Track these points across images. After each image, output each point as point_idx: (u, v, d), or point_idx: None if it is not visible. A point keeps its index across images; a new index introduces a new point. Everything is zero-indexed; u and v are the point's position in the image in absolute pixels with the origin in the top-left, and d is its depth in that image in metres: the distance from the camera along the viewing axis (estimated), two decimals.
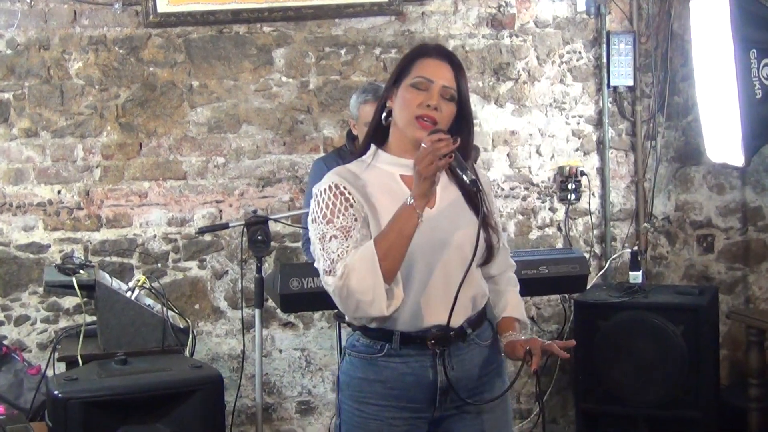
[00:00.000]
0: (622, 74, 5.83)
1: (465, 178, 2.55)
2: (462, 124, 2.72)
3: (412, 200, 2.49)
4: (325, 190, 2.65)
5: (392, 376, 2.68)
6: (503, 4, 5.74)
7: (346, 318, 2.75)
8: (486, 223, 2.68)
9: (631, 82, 5.85)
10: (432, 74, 2.66)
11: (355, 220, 2.60)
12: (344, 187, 2.64)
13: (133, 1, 5.30)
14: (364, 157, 2.79)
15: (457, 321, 2.67)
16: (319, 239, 2.61)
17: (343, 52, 5.57)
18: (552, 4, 5.81)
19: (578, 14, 5.84)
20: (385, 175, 2.71)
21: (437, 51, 2.75)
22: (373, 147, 2.78)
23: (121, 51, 5.34)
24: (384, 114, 2.75)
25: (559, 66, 5.83)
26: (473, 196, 2.62)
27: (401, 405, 2.70)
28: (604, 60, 5.80)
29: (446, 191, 2.73)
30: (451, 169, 2.61)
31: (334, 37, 5.56)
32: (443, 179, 2.70)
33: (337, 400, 2.83)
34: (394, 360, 2.68)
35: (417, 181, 2.48)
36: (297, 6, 5.42)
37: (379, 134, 2.79)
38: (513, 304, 2.89)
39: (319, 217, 2.63)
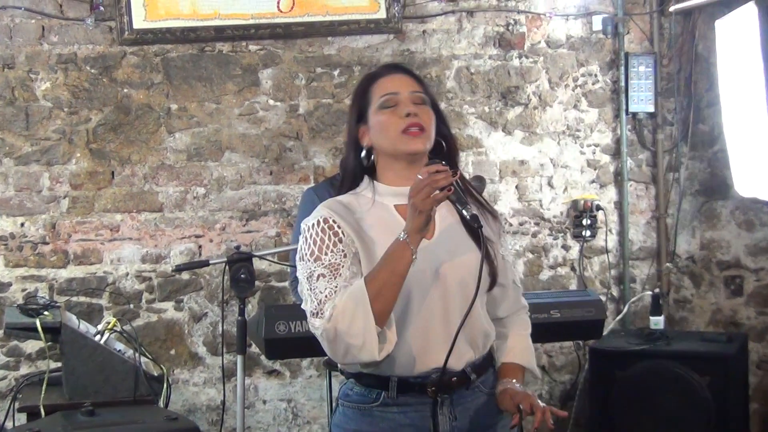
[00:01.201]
0: (641, 99, 5.87)
1: (465, 213, 2.57)
2: (441, 130, 2.77)
3: (406, 235, 2.49)
4: (313, 225, 2.66)
5: (389, 427, 2.67)
6: (512, 22, 5.78)
7: (339, 365, 2.75)
8: (489, 255, 2.68)
9: (651, 108, 5.89)
10: (393, 87, 2.71)
11: (344, 256, 2.60)
12: (333, 221, 2.65)
13: (107, 17, 5.33)
14: (357, 189, 2.80)
15: (458, 364, 2.65)
16: (307, 278, 2.61)
17: (336, 73, 5.61)
18: (565, 22, 5.85)
19: (594, 34, 5.89)
20: (379, 206, 2.72)
21: (386, 68, 2.83)
22: (366, 178, 2.79)
23: (92, 70, 5.37)
24: (363, 154, 2.78)
25: (573, 90, 5.86)
26: (474, 230, 2.62)
27: None
28: (623, 84, 5.84)
29: (445, 218, 2.73)
30: (451, 202, 2.60)
31: (326, 56, 5.59)
32: (443, 209, 2.69)
33: None
34: (391, 410, 2.67)
35: (412, 214, 2.48)
36: (286, 23, 5.46)
37: (358, 175, 2.82)
38: (520, 348, 2.86)
39: (306, 254, 2.64)
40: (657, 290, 5.63)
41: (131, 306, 5.42)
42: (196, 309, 5.49)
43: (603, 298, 5.64)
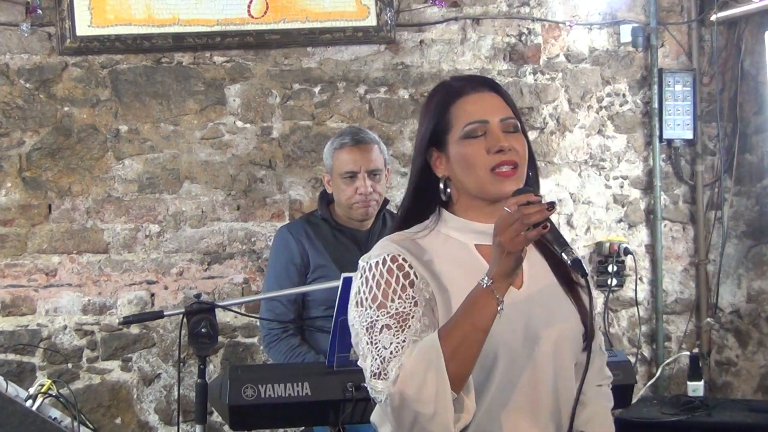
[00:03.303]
0: (678, 124, 5.90)
1: (565, 256, 2.43)
2: (528, 163, 2.68)
3: (490, 281, 2.40)
4: (377, 263, 2.58)
5: None
6: (525, 31, 5.81)
7: None
8: (586, 313, 2.63)
9: (690, 135, 5.91)
10: (481, 113, 2.63)
11: (415, 304, 2.52)
12: (404, 260, 2.58)
13: (45, 21, 5.34)
14: (426, 222, 2.71)
15: None
16: (367, 329, 2.52)
17: (316, 90, 5.62)
18: (588, 33, 5.88)
19: (622, 46, 5.92)
20: (456, 245, 2.66)
21: (471, 83, 2.72)
22: (439, 210, 2.71)
23: (27, 84, 5.38)
24: (441, 186, 2.69)
25: (598, 112, 5.88)
26: (572, 280, 2.59)
27: None
28: (656, 105, 5.86)
29: (535, 267, 2.68)
30: (546, 243, 2.49)
31: (305, 70, 5.61)
32: (530, 251, 2.59)
33: None
34: None
35: (498, 256, 2.40)
36: (258, 30, 5.47)
37: (426, 207, 2.74)
38: (601, 420, 2.79)
39: (367, 299, 2.55)
40: (696, 350, 5.62)
41: (69, 365, 5.39)
42: (147, 369, 5.47)
43: (632, 359, 5.63)
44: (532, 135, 5.79)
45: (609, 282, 5.84)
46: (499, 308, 2.40)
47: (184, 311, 4.22)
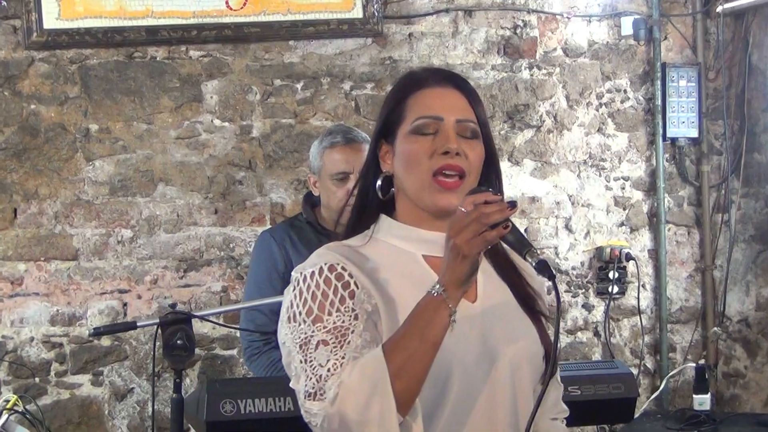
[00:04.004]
0: (683, 122, 5.91)
1: (529, 259, 2.31)
2: (489, 170, 2.59)
3: (442, 289, 2.28)
4: (313, 273, 2.47)
5: None
6: (521, 24, 5.81)
7: None
8: (546, 332, 2.55)
9: (695, 133, 5.92)
10: (437, 108, 2.52)
11: (356, 317, 2.40)
12: (343, 268, 2.46)
13: (10, 14, 5.33)
14: (366, 231, 2.61)
15: None
16: (301, 347, 2.39)
17: (299, 86, 5.61)
18: (588, 25, 5.89)
19: (623, 39, 5.92)
20: (402, 255, 2.55)
21: (435, 76, 2.60)
22: (383, 217, 2.61)
23: None
24: (379, 183, 2.61)
25: (597, 110, 5.89)
26: (531, 298, 2.51)
27: None
28: (659, 102, 5.87)
29: (490, 282, 2.58)
30: (507, 245, 2.38)
31: (287, 65, 5.60)
32: (484, 265, 2.52)
33: None
34: None
35: (452, 261, 2.28)
36: (236, 23, 5.47)
37: (370, 213, 2.65)
38: None
39: (301, 313, 2.43)
40: (702, 361, 5.62)
41: (37, 380, 5.38)
42: (119, 384, 5.45)
43: (634, 371, 5.63)
44: (528, 133, 5.80)
45: (610, 289, 5.84)
46: (451, 319, 2.29)
47: (158, 322, 4.20)
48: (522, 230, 2.57)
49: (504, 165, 5.75)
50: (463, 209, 2.28)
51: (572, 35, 5.88)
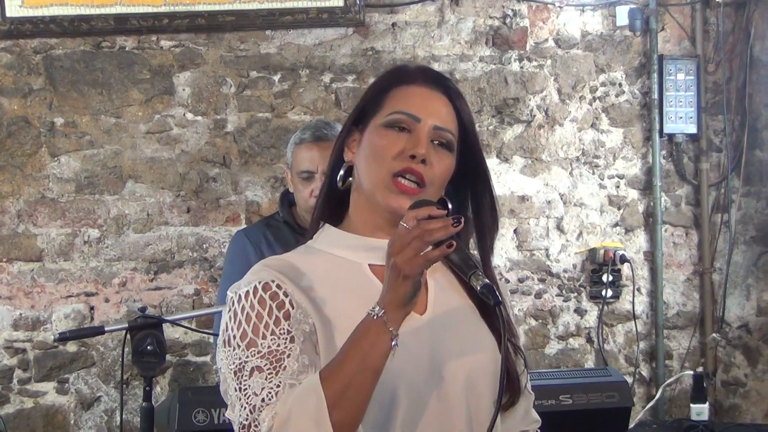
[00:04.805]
0: (680, 117, 5.93)
1: (474, 283, 2.27)
2: (477, 185, 2.57)
3: (382, 311, 2.24)
4: (247, 293, 2.42)
5: None
6: (510, 13, 5.83)
7: None
8: (513, 350, 2.53)
9: (693, 129, 5.94)
10: (418, 108, 2.49)
11: (291, 340, 2.35)
12: (278, 286, 2.41)
13: None
14: (309, 241, 2.58)
15: None
16: (235, 373, 2.36)
17: (276, 78, 5.63)
18: (581, 15, 5.91)
19: (618, 30, 5.94)
20: (345, 265, 2.51)
21: (424, 75, 2.57)
22: (326, 226, 2.58)
23: None
24: (342, 172, 2.58)
25: (591, 104, 5.91)
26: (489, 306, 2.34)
27: None
28: (655, 96, 5.89)
29: (443, 288, 2.57)
30: (451, 265, 2.34)
31: (263, 56, 5.62)
32: (438, 268, 2.51)
33: None
34: None
35: (392, 281, 2.24)
36: (210, 11, 5.47)
37: (333, 205, 2.62)
38: None
39: (236, 337, 2.38)
40: (700, 369, 5.66)
41: None
42: (85, 392, 5.46)
43: (629, 380, 5.65)
44: (518, 128, 5.82)
45: (603, 293, 5.86)
46: (393, 344, 2.24)
47: (127, 327, 4.22)
48: (494, 238, 2.55)
49: (492, 162, 5.76)
50: (405, 225, 2.24)
51: (564, 25, 5.90)
